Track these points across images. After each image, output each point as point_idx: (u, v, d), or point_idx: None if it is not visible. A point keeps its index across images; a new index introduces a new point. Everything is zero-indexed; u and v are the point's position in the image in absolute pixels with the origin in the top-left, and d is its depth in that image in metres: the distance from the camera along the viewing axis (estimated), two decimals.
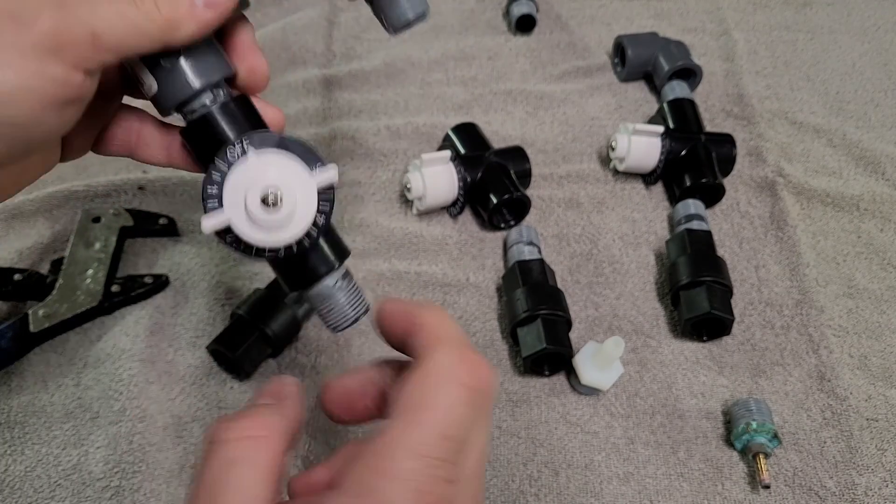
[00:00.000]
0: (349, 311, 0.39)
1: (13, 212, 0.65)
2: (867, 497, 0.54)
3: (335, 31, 0.84)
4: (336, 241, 0.39)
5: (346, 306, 0.39)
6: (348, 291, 0.39)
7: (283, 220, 0.34)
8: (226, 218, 0.34)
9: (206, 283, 0.63)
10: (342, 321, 0.39)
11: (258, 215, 0.33)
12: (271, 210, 0.33)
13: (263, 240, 0.34)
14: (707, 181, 0.67)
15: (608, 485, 0.54)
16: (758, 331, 0.62)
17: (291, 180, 0.34)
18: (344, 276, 0.39)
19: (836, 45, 0.85)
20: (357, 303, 0.39)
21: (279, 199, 0.33)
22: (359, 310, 0.39)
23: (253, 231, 0.34)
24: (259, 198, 0.33)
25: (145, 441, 0.54)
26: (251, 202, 0.33)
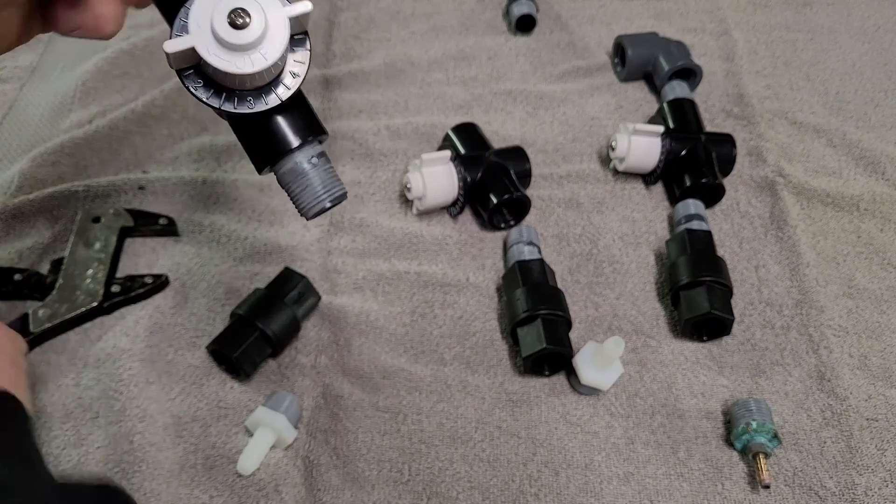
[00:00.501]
0: (322, 193, 0.37)
1: (13, 212, 0.65)
2: (867, 497, 0.54)
3: (335, 31, 0.84)
4: (311, 116, 0.37)
5: (320, 187, 0.37)
6: (324, 171, 0.37)
7: (251, 41, 0.32)
8: (190, 41, 0.33)
9: (205, 283, 0.63)
10: (314, 203, 0.37)
11: (224, 34, 0.32)
12: (239, 29, 0.32)
13: (230, 64, 0.33)
14: (707, 181, 0.67)
15: (608, 485, 0.54)
16: (758, 331, 0.62)
17: (261, 3, 0.33)
18: (320, 155, 0.37)
19: (836, 45, 0.85)
20: (332, 185, 0.38)
21: (247, 15, 0.32)
22: (333, 192, 0.38)
23: (220, 53, 0.33)
24: (226, 15, 0.32)
25: (145, 441, 0.54)
26: (217, 20, 0.32)
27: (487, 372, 0.59)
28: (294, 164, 0.37)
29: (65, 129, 0.73)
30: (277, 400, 0.55)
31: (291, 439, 0.54)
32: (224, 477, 0.53)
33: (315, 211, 0.38)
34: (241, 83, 0.34)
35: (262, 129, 0.36)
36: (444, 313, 0.62)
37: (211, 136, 0.73)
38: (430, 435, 0.56)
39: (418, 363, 0.59)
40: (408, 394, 0.58)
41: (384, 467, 0.54)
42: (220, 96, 0.35)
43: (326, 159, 0.38)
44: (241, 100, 0.35)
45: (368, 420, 0.56)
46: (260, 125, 0.36)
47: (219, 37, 0.33)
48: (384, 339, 0.61)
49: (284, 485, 0.53)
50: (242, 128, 0.37)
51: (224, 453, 0.54)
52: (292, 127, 0.36)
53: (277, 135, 0.36)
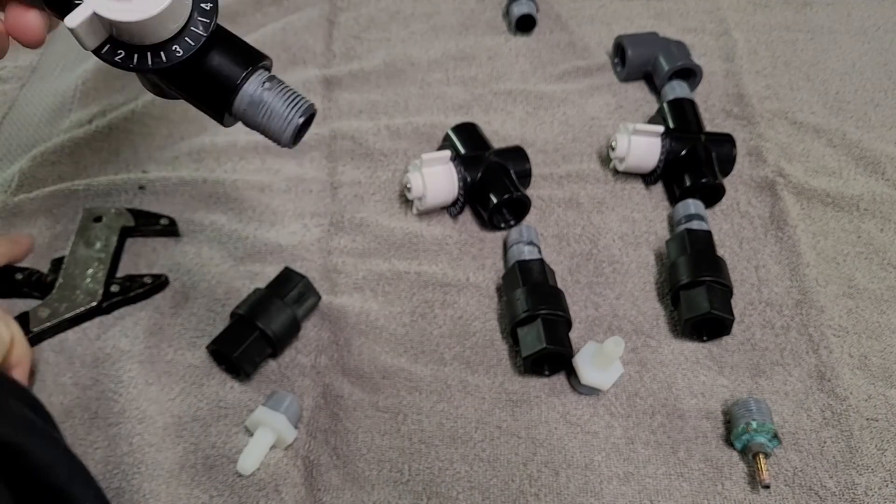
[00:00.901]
0: (289, 112, 0.36)
1: (13, 210, 0.65)
2: (867, 497, 0.54)
3: (335, 31, 0.84)
4: (245, 46, 0.36)
5: (283, 107, 0.36)
6: (281, 91, 0.36)
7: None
8: (88, 6, 0.32)
9: (205, 284, 0.63)
10: (286, 125, 0.36)
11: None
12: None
13: (131, 13, 0.32)
14: (707, 181, 0.67)
15: (608, 485, 0.54)
16: (758, 331, 0.62)
17: None
18: (270, 79, 0.36)
19: (836, 45, 0.85)
20: (295, 101, 0.36)
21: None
22: (300, 106, 0.36)
23: (116, 5, 0.32)
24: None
25: (144, 442, 0.54)
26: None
27: (487, 372, 0.59)
28: (249, 97, 0.36)
29: (65, 129, 0.73)
30: (277, 400, 0.55)
31: (291, 439, 0.54)
32: (224, 477, 0.53)
33: (290, 133, 0.37)
34: (157, 31, 0.33)
35: (202, 77, 0.35)
36: (444, 313, 0.62)
37: (211, 136, 0.73)
38: (430, 435, 0.56)
39: (418, 363, 0.59)
40: (408, 394, 0.58)
41: (384, 467, 0.54)
42: (146, 57, 0.34)
43: (279, 81, 0.37)
44: (167, 52, 0.34)
45: (368, 420, 0.56)
46: (198, 74, 0.35)
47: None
48: (384, 338, 0.61)
49: (284, 485, 0.53)
50: (183, 84, 0.36)
51: (224, 453, 0.54)
52: (230, 62, 0.35)
53: (220, 75, 0.35)
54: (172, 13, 0.33)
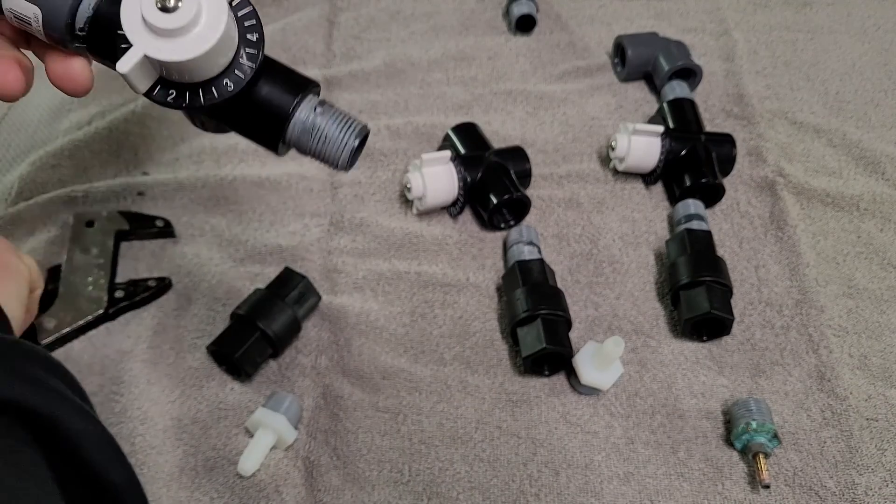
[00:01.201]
0: (344, 135, 0.36)
1: (13, 218, 0.64)
2: (867, 497, 0.54)
3: (335, 31, 0.84)
4: (293, 74, 0.37)
5: (338, 131, 0.36)
6: (334, 115, 0.36)
7: (190, 17, 0.31)
8: (138, 50, 0.32)
9: (206, 284, 0.62)
10: (342, 148, 0.36)
11: (161, 22, 0.31)
12: (171, 11, 0.31)
13: (182, 52, 0.32)
14: (707, 181, 0.67)
15: (608, 485, 0.54)
16: (758, 331, 0.62)
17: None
18: (321, 104, 0.36)
19: (836, 45, 0.85)
20: (350, 123, 0.36)
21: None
22: (354, 128, 0.36)
23: (166, 45, 0.32)
24: (153, 5, 0.31)
25: (146, 444, 0.54)
26: (148, 13, 0.31)
27: (487, 372, 0.59)
28: (302, 124, 0.36)
29: (64, 129, 0.73)
30: (278, 401, 0.55)
31: (292, 440, 0.54)
32: (224, 479, 0.53)
33: (347, 156, 0.36)
34: (207, 68, 0.33)
35: (254, 108, 0.35)
36: (444, 313, 0.62)
37: (210, 137, 0.73)
38: (431, 435, 0.56)
39: (418, 363, 0.59)
40: (408, 394, 0.58)
41: (384, 468, 0.54)
42: (198, 94, 0.34)
43: (330, 105, 0.37)
44: (219, 87, 0.34)
45: (368, 420, 0.56)
46: (249, 106, 0.35)
47: (157, 29, 0.32)
48: (384, 339, 0.61)
49: (285, 485, 0.53)
50: (235, 117, 0.36)
51: (224, 455, 0.54)
52: (280, 91, 0.36)
53: (271, 105, 0.35)
54: (221, 48, 0.33)
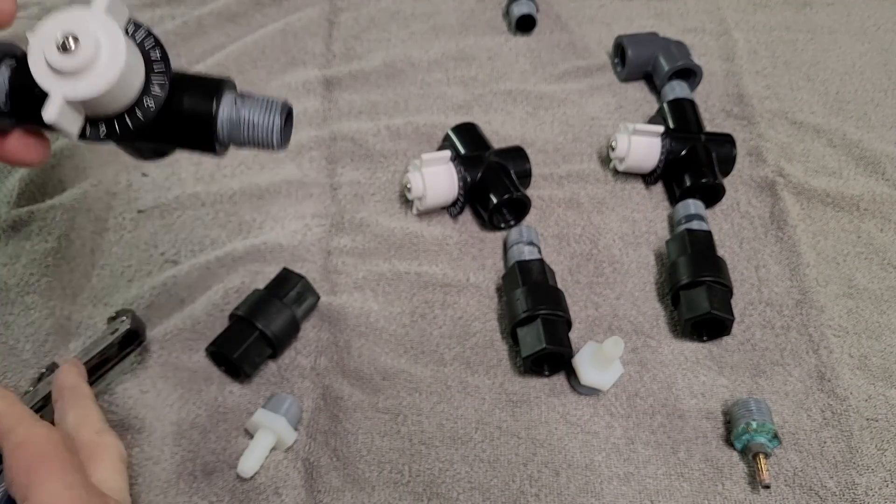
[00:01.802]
0: (268, 119, 0.38)
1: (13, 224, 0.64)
2: (867, 497, 0.54)
3: (335, 31, 0.84)
4: (204, 79, 0.38)
5: (261, 117, 0.38)
6: (254, 104, 0.38)
7: (90, 52, 0.33)
8: (56, 95, 0.34)
9: (204, 285, 0.62)
10: (270, 132, 0.38)
11: (65, 63, 0.33)
12: (71, 50, 0.33)
13: (95, 85, 0.34)
14: (707, 181, 0.67)
15: (608, 485, 0.54)
16: (758, 331, 0.62)
17: (72, 17, 0.34)
18: (239, 97, 0.38)
19: (836, 45, 0.85)
20: (269, 106, 0.38)
21: (71, 38, 0.33)
22: (275, 109, 0.38)
23: (81, 84, 0.34)
24: (55, 45, 0.33)
25: (143, 454, 0.53)
26: (52, 58, 0.33)
27: (487, 372, 0.59)
28: (227, 122, 0.38)
29: None
30: (277, 402, 0.55)
31: (291, 441, 0.54)
32: (224, 482, 0.53)
33: (277, 137, 0.38)
34: (124, 93, 0.35)
35: (180, 121, 0.37)
36: (444, 313, 0.62)
37: None
38: (431, 436, 0.56)
39: (418, 364, 0.59)
40: (408, 395, 0.58)
41: (384, 468, 0.54)
42: (126, 122, 0.36)
43: (248, 94, 0.38)
44: (142, 109, 0.36)
45: (368, 421, 0.56)
46: (176, 120, 0.37)
47: (66, 70, 0.33)
48: (384, 339, 0.61)
49: (285, 487, 0.53)
50: (166, 135, 0.38)
51: (224, 458, 0.54)
52: (199, 96, 0.37)
53: (194, 112, 0.37)
54: (131, 72, 0.35)
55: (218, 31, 0.83)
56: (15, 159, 0.39)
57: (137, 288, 0.62)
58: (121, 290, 0.62)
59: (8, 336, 0.58)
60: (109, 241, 0.65)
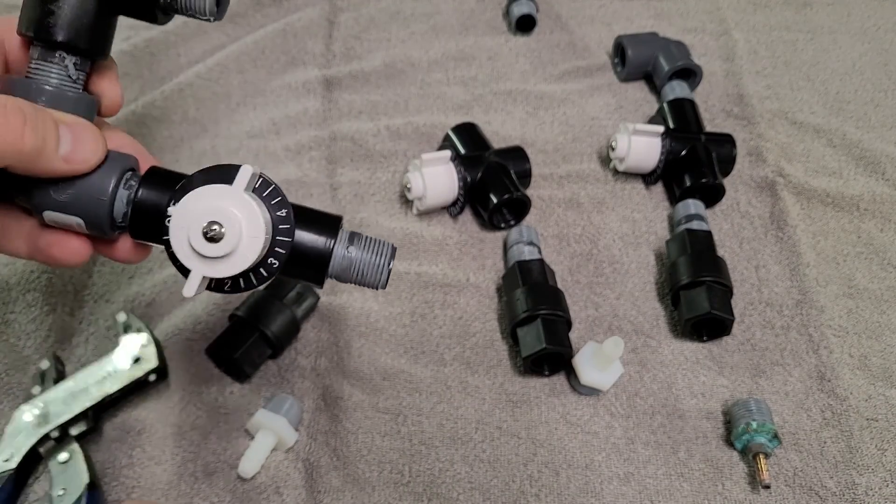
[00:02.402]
0: (379, 261, 0.39)
1: None
2: (867, 497, 0.54)
3: (335, 31, 0.84)
4: (320, 218, 0.39)
5: (372, 259, 0.39)
6: (364, 247, 0.39)
7: (234, 243, 0.34)
8: (197, 274, 0.35)
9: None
10: (379, 275, 0.39)
11: (209, 251, 0.34)
12: (217, 240, 0.34)
13: (234, 267, 0.35)
14: (707, 181, 0.67)
15: (608, 485, 0.54)
16: (758, 331, 0.62)
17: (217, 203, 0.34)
18: (349, 238, 0.39)
19: (836, 45, 0.85)
20: (382, 250, 0.40)
21: (217, 227, 0.34)
22: (386, 254, 0.40)
23: (220, 265, 0.35)
24: (200, 232, 0.34)
25: (145, 455, 0.54)
26: (197, 244, 0.34)
27: (487, 372, 0.59)
28: (339, 264, 0.39)
29: None
30: (278, 402, 0.55)
31: (292, 442, 0.54)
32: (224, 483, 0.53)
33: (385, 278, 0.40)
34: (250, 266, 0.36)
35: (294, 263, 0.38)
36: (444, 314, 0.62)
37: (211, 138, 0.73)
38: (431, 436, 0.56)
39: (418, 364, 0.59)
40: (408, 395, 0.58)
41: (385, 469, 0.54)
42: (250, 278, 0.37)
43: (358, 235, 0.40)
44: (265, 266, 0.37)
45: (368, 421, 0.56)
46: (290, 262, 0.38)
47: (209, 257, 0.34)
48: (384, 340, 0.61)
49: (285, 487, 0.53)
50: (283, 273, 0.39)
51: (224, 459, 0.54)
52: (314, 238, 0.38)
53: (310, 255, 0.38)
54: (265, 241, 0.36)
55: (218, 31, 0.83)
56: (119, 260, 0.40)
57: (138, 285, 0.62)
58: (122, 287, 0.62)
59: (9, 334, 0.59)
60: None
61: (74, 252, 0.38)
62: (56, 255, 0.38)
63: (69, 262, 0.38)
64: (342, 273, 0.39)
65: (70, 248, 0.38)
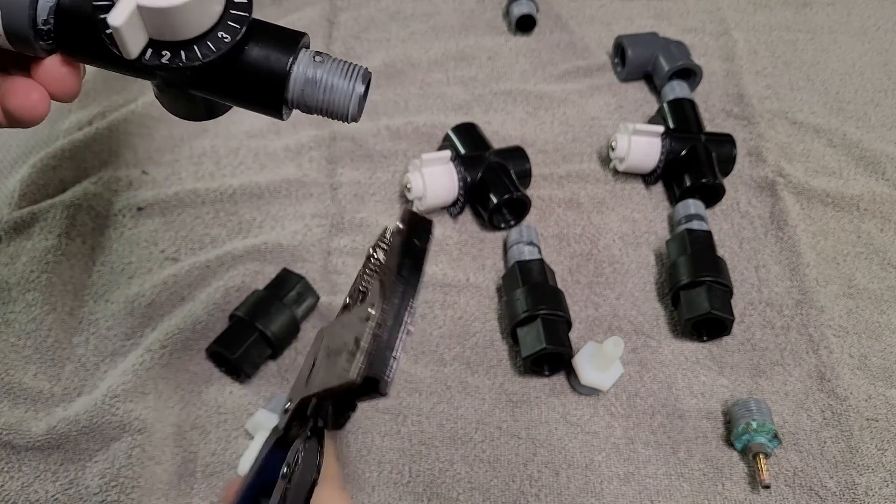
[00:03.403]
0: (349, 83, 0.34)
1: (15, 225, 0.64)
2: (867, 497, 0.54)
3: (335, 31, 0.84)
4: (282, 29, 0.34)
5: (340, 79, 0.34)
6: (332, 64, 0.34)
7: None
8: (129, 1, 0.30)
9: (205, 285, 0.62)
10: (349, 96, 0.34)
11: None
12: None
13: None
14: (707, 181, 0.67)
15: (608, 485, 0.54)
16: (758, 331, 0.62)
17: None
18: (317, 54, 0.34)
19: (836, 45, 0.85)
20: (351, 70, 0.34)
21: None
22: (357, 74, 0.34)
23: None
24: None
25: (144, 455, 0.54)
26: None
27: (487, 372, 0.59)
28: (303, 79, 0.34)
29: (64, 130, 0.73)
30: (278, 403, 0.55)
31: None
32: (224, 483, 0.53)
33: (355, 104, 0.34)
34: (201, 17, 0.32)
35: (250, 69, 0.33)
36: (444, 314, 0.62)
37: (211, 138, 0.73)
38: (431, 436, 0.56)
39: (418, 364, 0.59)
40: (408, 395, 0.58)
41: (385, 469, 0.54)
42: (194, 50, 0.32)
43: (326, 54, 0.35)
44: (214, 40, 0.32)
45: (368, 421, 0.56)
46: (245, 68, 0.33)
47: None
48: None
49: None
50: (231, 84, 0.34)
51: (224, 459, 0.54)
52: (274, 46, 0.33)
53: (268, 60, 0.33)
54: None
55: None
56: (48, 89, 0.35)
57: (138, 285, 0.62)
58: (121, 287, 0.62)
59: (9, 333, 0.59)
60: (110, 239, 0.65)
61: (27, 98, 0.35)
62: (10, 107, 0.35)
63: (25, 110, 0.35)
64: (305, 91, 0.34)
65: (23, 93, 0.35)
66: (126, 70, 0.33)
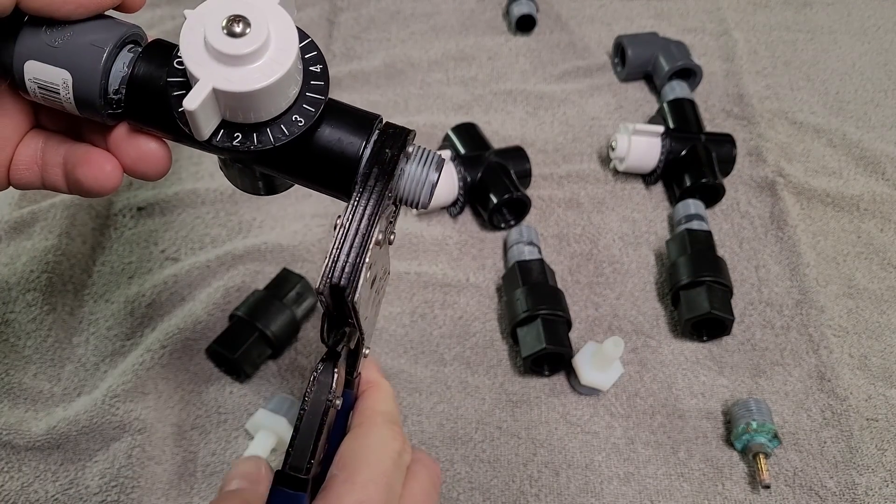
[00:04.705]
0: (424, 172, 0.33)
1: (15, 225, 0.64)
2: (867, 497, 0.54)
3: (335, 31, 0.84)
4: (356, 111, 0.33)
5: (416, 167, 0.33)
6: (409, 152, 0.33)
7: (260, 41, 0.28)
8: (206, 83, 0.28)
9: (205, 285, 0.62)
10: (422, 186, 0.33)
11: (228, 47, 0.28)
12: (239, 36, 0.28)
13: (254, 80, 0.29)
14: (707, 181, 0.67)
15: (608, 485, 0.54)
16: (758, 331, 0.62)
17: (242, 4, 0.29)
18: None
19: (836, 45, 0.85)
20: (426, 159, 0.33)
21: (242, 23, 0.28)
22: (432, 165, 0.33)
23: (236, 74, 0.28)
24: (220, 26, 0.28)
25: (144, 455, 0.54)
26: (215, 39, 0.28)
27: (487, 372, 0.59)
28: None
29: None
30: (278, 403, 0.55)
31: None
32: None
33: (427, 192, 0.33)
34: (276, 100, 0.30)
35: (322, 152, 0.32)
36: (444, 314, 0.62)
37: None
38: (431, 436, 0.56)
39: (418, 364, 0.59)
40: (408, 395, 0.58)
41: None
42: (267, 133, 0.30)
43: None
44: (287, 124, 0.31)
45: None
46: (317, 150, 0.32)
47: (226, 56, 0.28)
48: (384, 339, 0.61)
49: None
50: (302, 165, 0.33)
51: (224, 459, 0.54)
52: (349, 128, 0.32)
53: (340, 144, 0.32)
54: (291, 78, 0.30)
55: None
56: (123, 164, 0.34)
57: (138, 285, 0.62)
58: (121, 287, 0.62)
59: (9, 333, 0.59)
60: (110, 238, 0.65)
61: (100, 169, 0.33)
62: (81, 176, 0.34)
63: (97, 181, 0.34)
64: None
65: (96, 164, 0.33)
66: (194, 145, 0.32)
